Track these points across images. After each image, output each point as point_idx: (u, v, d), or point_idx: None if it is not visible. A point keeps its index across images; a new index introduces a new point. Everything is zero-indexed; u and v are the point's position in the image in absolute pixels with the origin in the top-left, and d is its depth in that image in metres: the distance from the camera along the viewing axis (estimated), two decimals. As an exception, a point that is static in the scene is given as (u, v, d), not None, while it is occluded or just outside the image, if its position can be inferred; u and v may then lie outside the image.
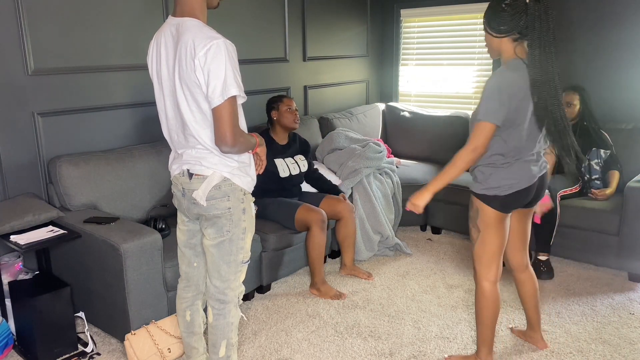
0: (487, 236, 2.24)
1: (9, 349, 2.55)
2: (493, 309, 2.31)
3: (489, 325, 2.34)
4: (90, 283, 2.63)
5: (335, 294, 3.12)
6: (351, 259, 3.41)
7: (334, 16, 4.63)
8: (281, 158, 3.30)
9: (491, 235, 2.23)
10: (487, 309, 2.31)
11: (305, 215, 3.10)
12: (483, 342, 2.38)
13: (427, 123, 4.63)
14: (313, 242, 3.10)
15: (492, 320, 2.33)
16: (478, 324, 2.37)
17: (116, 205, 2.92)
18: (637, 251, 3.22)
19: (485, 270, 2.28)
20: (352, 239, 3.37)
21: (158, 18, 3.24)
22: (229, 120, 1.77)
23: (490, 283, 2.29)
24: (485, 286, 2.30)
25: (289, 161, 3.33)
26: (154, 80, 1.95)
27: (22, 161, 2.80)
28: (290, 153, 3.37)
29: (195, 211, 1.95)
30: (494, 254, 2.26)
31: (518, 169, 2.15)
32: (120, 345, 2.63)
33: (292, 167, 3.31)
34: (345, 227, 3.32)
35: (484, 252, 2.27)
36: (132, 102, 3.21)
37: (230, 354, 2.07)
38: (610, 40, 3.90)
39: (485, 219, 2.22)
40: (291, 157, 3.36)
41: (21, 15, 2.67)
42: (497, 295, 2.31)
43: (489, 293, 2.30)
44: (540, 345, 2.62)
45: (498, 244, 2.25)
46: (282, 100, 3.31)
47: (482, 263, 2.29)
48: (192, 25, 1.78)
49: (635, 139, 3.64)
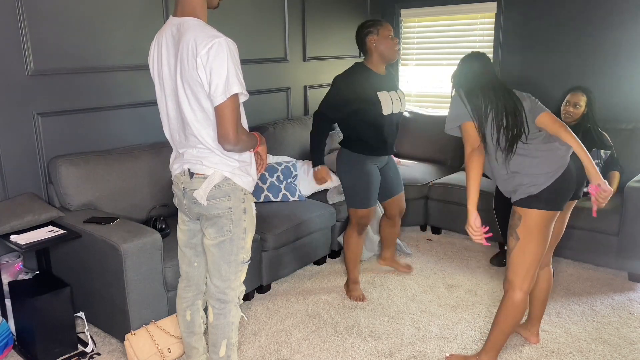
0: (528, 244, 2.16)
1: (9, 349, 2.55)
2: (518, 319, 2.27)
3: (507, 333, 2.30)
4: (90, 283, 2.63)
5: (356, 295, 3.10)
6: (393, 253, 3.45)
7: (334, 16, 4.63)
8: (385, 91, 2.80)
9: (533, 243, 2.16)
10: (512, 318, 2.26)
11: (367, 216, 2.93)
12: (493, 346, 2.34)
13: (427, 123, 4.63)
14: (350, 242, 3.04)
15: (512, 329, 2.29)
16: (495, 330, 2.31)
17: (116, 205, 2.92)
18: (637, 251, 3.22)
19: (520, 280, 2.21)
20: (397, 235, 3.39)
21: (158, 18, 3.24)
22: (231, 118, 1.77)
23: (524, 293, 2.23)
24: (518, 296, 2.22)
25: (393, 95, 2.83)
26: (155, 80, 1.95)
27: (22, 161, 2.80)
28: (392, 87, 2.89)
29: (196, 211, 1.95)
30: (532, 264, 2.19)
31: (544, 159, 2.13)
32: (120, 345, 2.63)
33: (395, 104, 2.82)
34: (396, 226, 3.30)
35: (523, 261, 2.19)
36: (132, 102, 3.21)
37: (230, 353, 2.07)
38: (609, 40, 3.90)
39: (530, 223, 2.14)
40: (394, 92, 2.87)
41: (21, 15, 2.67)
42: (526, 306, 2.26)
43: (519, 303, 2.23)
44: (533, 340, 2.63)
45: (538, 253, 2.18)
46: (382, 24, 2.78)
47: (518, 273, 2.21)
48: (194, 24, 1.78)
49: (635, 139, 3.65)
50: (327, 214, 3.44)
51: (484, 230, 2.18)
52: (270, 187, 3.49)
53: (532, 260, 2.18)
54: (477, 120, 2.18)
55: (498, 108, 2.18)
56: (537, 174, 2.12)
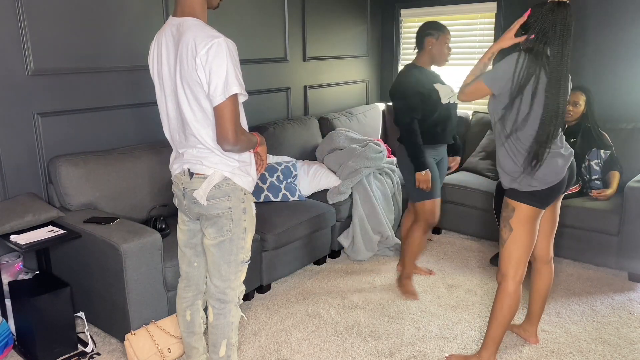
0: (520, 234, 2.24)
1: (9, 349, 2.55)
2: (514, 309, 2.32)
3: (504, 325, 2.34)
4: (90, 283, 2.63)
5: (411, 290, 3.13)
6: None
7: (334, 16, 4.63)
8: (440, 83, 2.96)
9: (524, 233, 2.24)
10: (508, 309, 2.31)
11: (434, 210, 2.97)
12: (493, 340, 2.37)
13: (427, 123, 4.63)
14: (414, 236, 3.06)
15: (509, 320, 2.33)
16: (493, 323, 2.36)
17: (116, 205, 2.92)
18: (637, 251, 3.22)
19: (513, 270, 2.29)
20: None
21: (158, 18, 3.24)
22: (230, 119, 1.77)
23: (516, 283, 2.29)
24: (511, 286, 2.29)
25: (448, 88, 2.97)
26: (155, 81, 1.95)
27: (22, 161, 2.80)
28: (442, 81, 3.02)
29: (196, 211, 1.95)
30: (524, 253, 2.28)
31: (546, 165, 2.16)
32: (120, 345, 2.63)
33: (452, 97, 2.96)
34: None
35: (515, 250, 2.27)
36: (132, 102, 3.21)
37: (230, 353, 2.07)
38: (609, 40, 3.90)
39: (521, 216, 2.22)
40: (445, 85, 2.99)
41: (21, 15, 2.67)
42: (520, 296, 2.32)
43: (513, 293, 2.30)
44: (532, 340, 2.63)
45: (529, 243, 2.27)
46: (444, 32, 2.91)
47: (510, 262, 2.29)
48: (193, 24, 1.78)
49: (635, 139, 3.64)
50: (327, 214, 3.44)
51: None
52: (270, 187, 3.49)
53: (524, 251, 2.27)
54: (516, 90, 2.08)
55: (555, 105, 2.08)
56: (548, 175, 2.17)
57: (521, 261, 2.28)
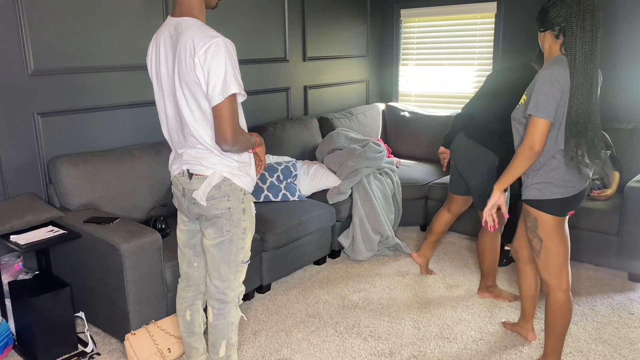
0: (551, 244, 2.16)
1: (9, 349, 2.55)
2: (568, 318, 2.24)
3: (563, 334, 2.28)
4: (90, 283, 2.63)
5: (509, 296, 3.06)
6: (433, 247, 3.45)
7: (334, 16, 4.63)
8: None
9: (555, 241, 2.16)
10: (562, 319, 2.23)
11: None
12: (553, 350, 2.32)
13: (427, 123, 4.64)
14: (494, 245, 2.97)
15: (566, 329, 2.27)
16: (551, 335, 2.28)
17: (116, 205, 2.92)
18: (637, 251, 3.22)
19: (556, 280, 2.20)
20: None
21: (158, 18, 3.24)
22: (229, 119, 1.77)
23: (564, 292, 2.21)
24: (560, 297, 2.21)
25: None
26: (153, 81, 1.95)
27: (22, 161, 2.80)
28: None
29: (196, 211, 1.95)
30: (562, 260, 2.19)
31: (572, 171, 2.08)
32: (120, 345, 2.63)
33: None
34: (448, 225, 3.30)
35: (551, 260, 2.19)
36: (132, 102, 3.21)
37: (230, 353, 2.07)
38: (609, 40, 3.90)
39: (546, 226, 2.14)
40: None
41: (21, 15, 2.67)
42: (572, 303, 2.24)
43: (564, 302, 2.21)
44: (530, 337, 2.64)
45: (563, 250, 2.18)
46: None
47: (550, 273, 2.20)
48: (191, 24, 1.78)
49: (635, 139, 3.64)
50: (327, 214, 3.44)
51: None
52: (270, 187, 3.49)
53: (561, 258, 2.18)
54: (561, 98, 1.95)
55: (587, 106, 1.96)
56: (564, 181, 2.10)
57: (561, 269, 2.19)
